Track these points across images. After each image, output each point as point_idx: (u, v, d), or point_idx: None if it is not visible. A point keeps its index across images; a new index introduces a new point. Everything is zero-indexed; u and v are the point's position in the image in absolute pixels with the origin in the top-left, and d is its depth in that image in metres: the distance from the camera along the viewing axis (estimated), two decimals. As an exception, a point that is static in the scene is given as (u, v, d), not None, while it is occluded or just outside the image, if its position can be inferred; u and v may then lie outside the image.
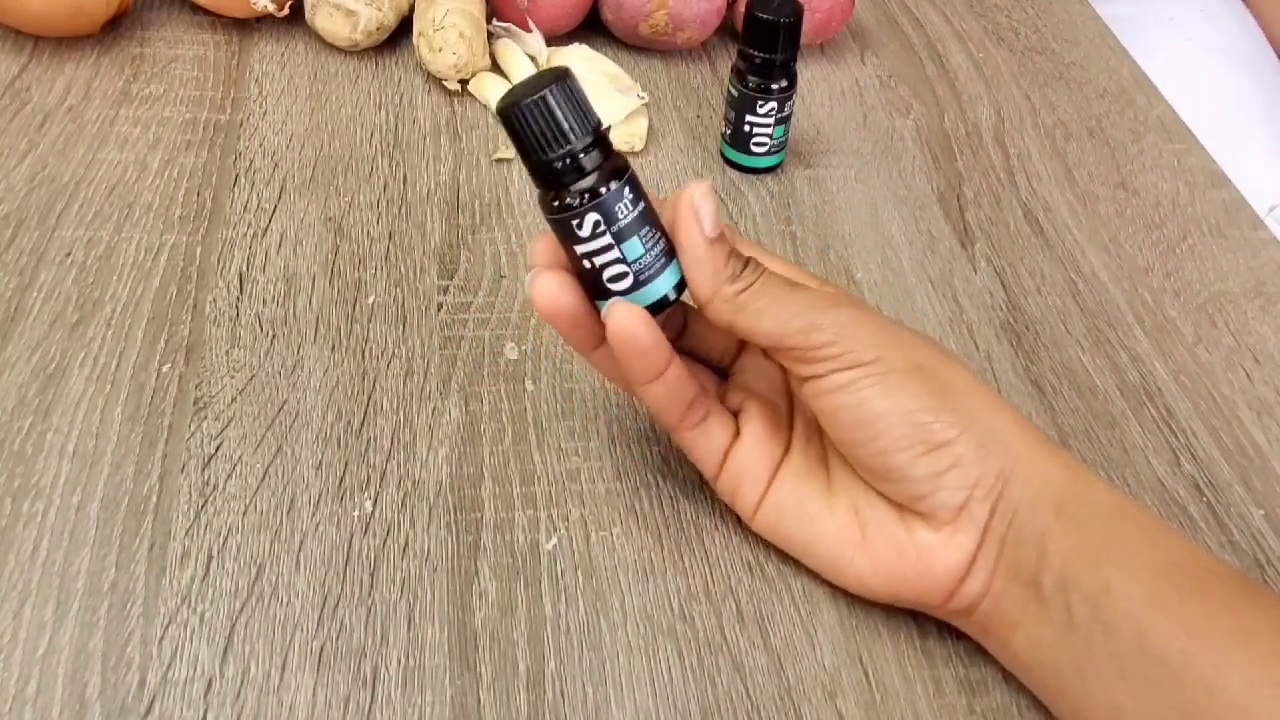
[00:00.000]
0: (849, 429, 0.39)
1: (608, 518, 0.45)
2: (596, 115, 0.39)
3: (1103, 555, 0.37)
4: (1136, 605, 0.36)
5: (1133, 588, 0.36)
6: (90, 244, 0.54)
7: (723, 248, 0.40)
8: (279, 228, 0.55)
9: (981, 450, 0.39)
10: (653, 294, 0.40)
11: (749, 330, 0.40)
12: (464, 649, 0.40)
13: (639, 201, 0.39)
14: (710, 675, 0.40)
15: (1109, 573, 0.37)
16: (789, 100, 0.60)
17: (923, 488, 0.39)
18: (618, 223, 0.39)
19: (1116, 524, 0.38)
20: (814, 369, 0.39)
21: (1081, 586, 0.37)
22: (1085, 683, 0.37)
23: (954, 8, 0.78)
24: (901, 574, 0.40)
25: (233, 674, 0.39)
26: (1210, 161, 0.66)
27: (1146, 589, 0.36)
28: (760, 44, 0.58)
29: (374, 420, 0.47)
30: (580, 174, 0.39)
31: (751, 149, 0.61)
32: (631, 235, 0.39)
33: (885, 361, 0.39)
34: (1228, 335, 0.55)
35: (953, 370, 0.40)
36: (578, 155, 0.39)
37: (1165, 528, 0.39)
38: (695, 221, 0.39)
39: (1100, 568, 0.37)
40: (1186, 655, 0.35)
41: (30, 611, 0.40)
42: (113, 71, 0.64)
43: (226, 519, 0.43)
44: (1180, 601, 0.36)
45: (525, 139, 0.39)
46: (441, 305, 0.53)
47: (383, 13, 0.65)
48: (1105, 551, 0.37)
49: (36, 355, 0.48)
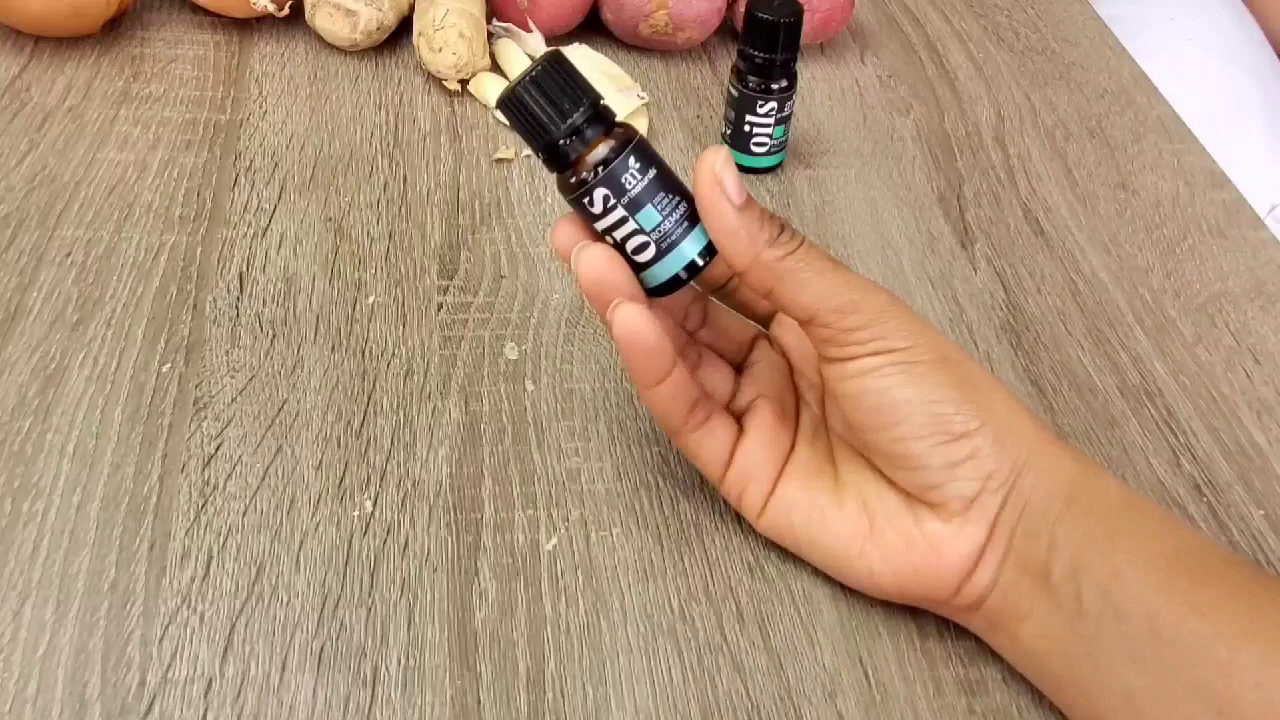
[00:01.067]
0: (870, 413, 0.39)
1: (608, 518, 0.45)
2: (595, 91, 0.39)
3: (1113, 543, 0.37)
4: (1148, 590, 0.36)
5: (1144, 573, 0.37)
6: (90, 244, 0.54)
7: (753, 212, 0.39)
8: (279, 228, 0.55)
9: (999, 444, 0.39)
10: (679, 261, 0.40)
11: (788, 300, 0.39)
12: (464, 649, 0.40)
13: (649, 168, 0.39)
14: (710, 675, 0.40)
15: (1120, 560, 0.37)
16: (789, 100, 0.60)
17: (937, 477, 0.39)
18: (627, 193, 0.39)
19: (1127, 514, 0.38)
20: (845, 350, 0.39)
21: (1092, 573, 0.37)
22: (1097, 669, 0.37)
23: (954, 8, 0.78)
24: (911, 565, 0.40)
25: (233, 674, 0.39)
26: (1210, 161, 0.66)
27: (1158, 575, 0.37)
28: (760, 44, 0.58)
29: (374, 420, 0.47)
30: (584, 149, 0.39)
31: (752, 149, 0.61)
32: (645, 204, 0.39)
33: (915, 350, 0.39)
34: (1228, 335, 0.55)
35: (974, 365, 0.41)
36: (578, 130, 0.39)
37: (1175, 519, 0.39)
38: (720, 192, 0.38)
39: (1111, 555, 0.37)
40: (1199, 636, 0.35)
41: (30, 611, 0.40)
42: (113, 71, 0.64)
43: (226, 519, 0.43)
44: (1191, 586, 0.36)
45: (524, 123, 0.39)
46: (441, 305, 0.53)
47: (383, 13, 0.65)
48: (1116, 539, 0.37)
49: (36, 355, 0.48)
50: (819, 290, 0.39)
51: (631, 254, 0.40)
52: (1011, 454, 0.39)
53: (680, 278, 0.40)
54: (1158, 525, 0.38)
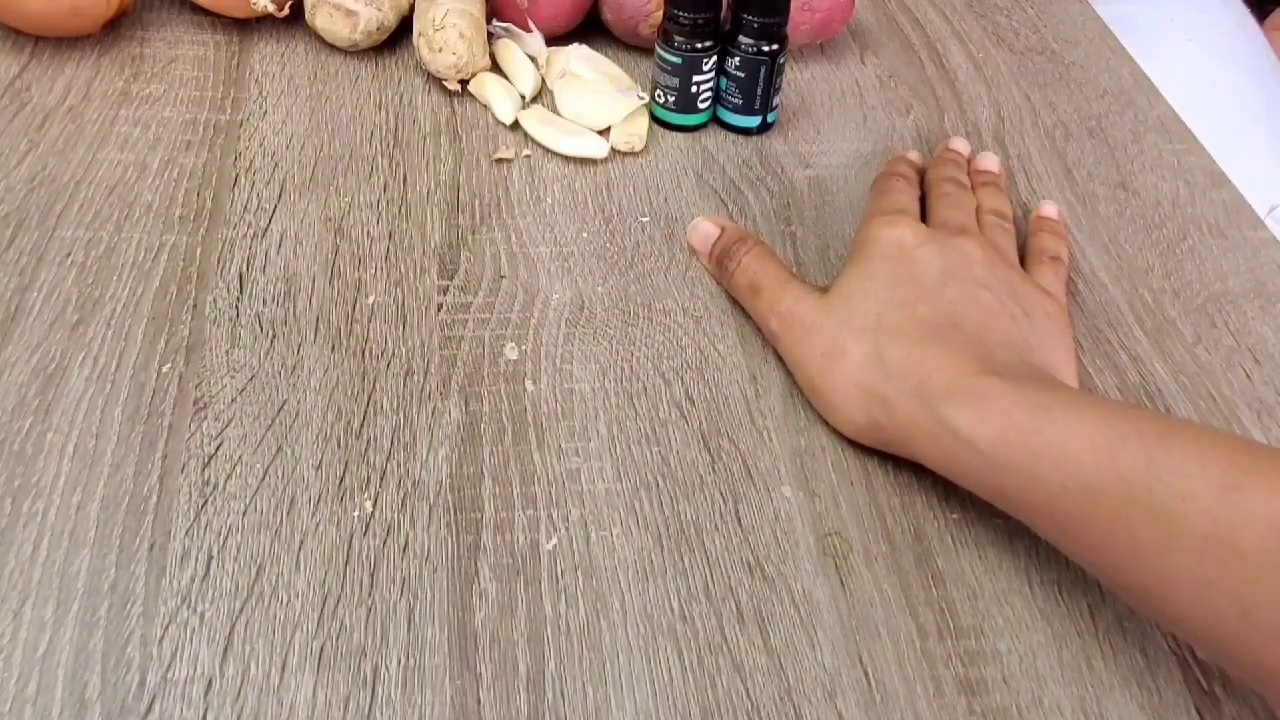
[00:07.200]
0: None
1: (608, 518, 0.45)
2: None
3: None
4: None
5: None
6: (90, 244, 0.54)
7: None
8: (279, 228, 0.55)
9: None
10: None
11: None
12: (464, 649, 0.40)
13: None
14: (710, 675, 0.40)
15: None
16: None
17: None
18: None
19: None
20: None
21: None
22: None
23: (954, 8, 0.78)
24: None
25: (233, 674, 0.39)
26: (1210, 162, 0.66)
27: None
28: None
29: (374, 420, 0.47)
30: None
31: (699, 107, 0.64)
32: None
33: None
34: (1227, 335, 0.55)
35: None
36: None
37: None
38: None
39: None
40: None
41: (30, 611, 0.40)
42: (113, 72, 0.64)
43: (226, 519, 0.43)
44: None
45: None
46: (441, 305, 0.53)
47: (383, 13, 0.65)
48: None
49: (36, 355, 0.48)
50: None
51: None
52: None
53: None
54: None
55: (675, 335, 0.52)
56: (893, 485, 0.47)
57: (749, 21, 0.60)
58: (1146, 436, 0.39)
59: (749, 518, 0.45)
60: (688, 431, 0.48)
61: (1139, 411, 0.41)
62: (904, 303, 0.48)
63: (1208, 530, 0.36)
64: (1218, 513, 0.36)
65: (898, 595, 0.43)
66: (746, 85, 0.62)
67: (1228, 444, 0.38)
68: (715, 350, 0.52)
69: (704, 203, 0.60)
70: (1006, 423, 0.41)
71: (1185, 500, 0.37)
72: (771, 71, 0.62)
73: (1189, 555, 0.37)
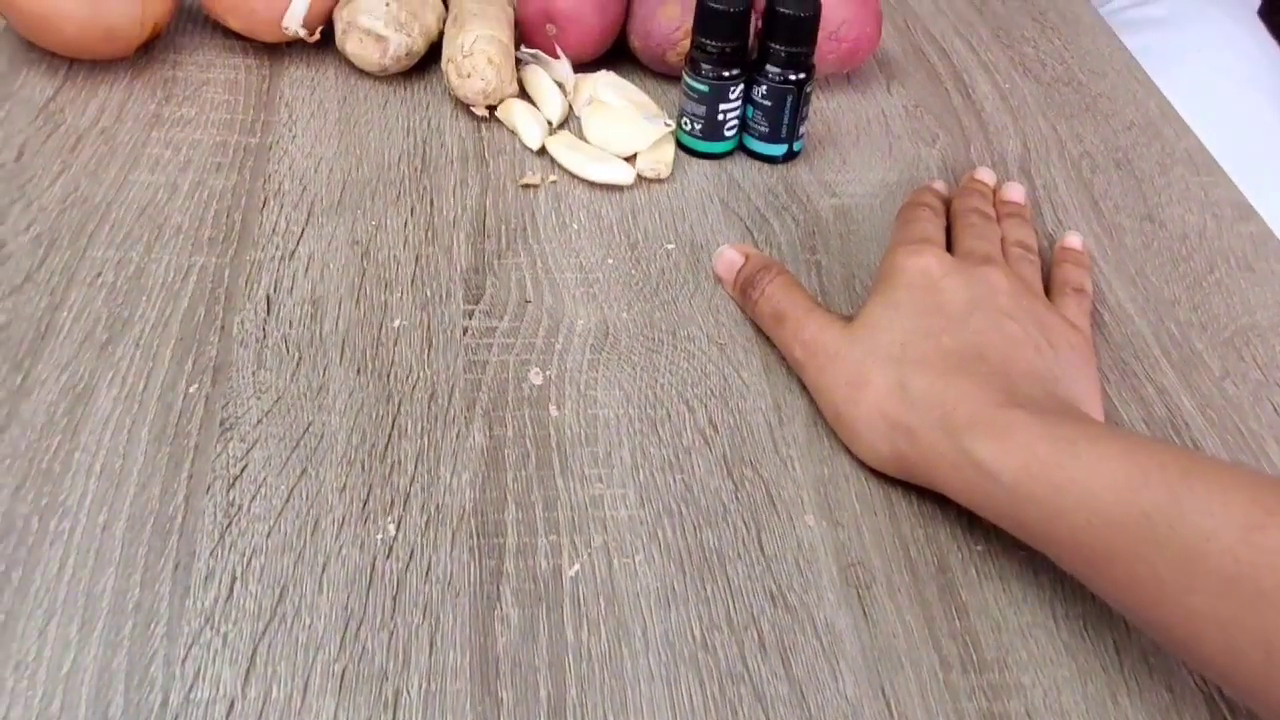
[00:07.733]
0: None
1: (630, 544, 0.45)
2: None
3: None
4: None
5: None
6: (120, 264, 0.54)
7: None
8: (306, 250, 0.56)
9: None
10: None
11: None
12: (485, 674, 0.40)
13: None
14: (732, 705, 0.40)
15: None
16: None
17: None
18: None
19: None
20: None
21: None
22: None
23: (980, 38, 0.78)
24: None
25: (255, 695, 0.39)
26: (1238, 194, 0.66)
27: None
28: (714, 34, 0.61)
29: (398, 444, 0.47)
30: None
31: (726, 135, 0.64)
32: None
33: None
34: (1255, 369, 0.55)
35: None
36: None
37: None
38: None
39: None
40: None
41: (55, 629, 0.40)
42: (145, 94, 0.65)
43: (251, 540, 0.43)
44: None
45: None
46: (467, 329, 0.53)
47: (412, 38, 0.66)
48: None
49: (65, 374, 0.49)
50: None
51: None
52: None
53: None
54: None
55: (699, 362, 0.52)
56: (916, 516, 0.47)
57: (776, 50, 0.61)
58: (1170, 473, 0.38)
59: (771, 546, 0.45)
60: (711, 459, 0.48)
61: (1163, 447, 0.41)
62: (929, 333, 0.48)
63: (1231, 570, 0.36)
64: (1241, 553, 0.36)
65: (921, 627, 0.43)
66: (773, 114, 0.62)
67: (1252, 482, 0.38)
68: (739, 378, 0.52)
69: (729, 230, 0.60)
70: (1030, 456, 0.41)
71: (1208, 539, 0.37)
72: (798, 100, 0.62)
73: (1212, 595, 0.36)
